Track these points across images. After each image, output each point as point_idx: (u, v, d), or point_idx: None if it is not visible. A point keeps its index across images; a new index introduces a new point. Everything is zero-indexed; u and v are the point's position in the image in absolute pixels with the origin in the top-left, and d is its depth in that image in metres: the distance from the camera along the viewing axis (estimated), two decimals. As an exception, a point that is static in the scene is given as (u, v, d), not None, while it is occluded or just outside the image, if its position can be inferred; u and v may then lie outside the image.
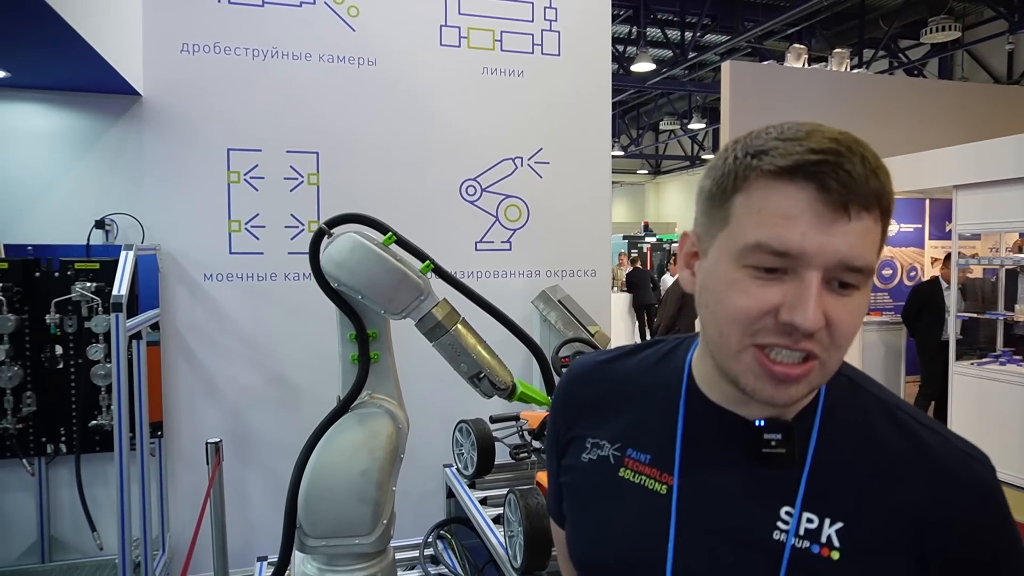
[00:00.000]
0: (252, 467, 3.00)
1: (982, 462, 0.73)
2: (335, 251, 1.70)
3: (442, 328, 1.76)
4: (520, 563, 1.72)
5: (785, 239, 0.65)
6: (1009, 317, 5.46)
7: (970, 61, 14.28)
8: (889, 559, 0.69)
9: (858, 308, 0.68)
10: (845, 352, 0.70)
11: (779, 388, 0.68)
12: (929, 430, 0.74)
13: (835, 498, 0.72)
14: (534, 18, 3.34)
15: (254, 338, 2.97)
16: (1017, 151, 4.97)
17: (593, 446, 0.86)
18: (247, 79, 2.93)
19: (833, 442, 0.74)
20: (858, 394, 0.78)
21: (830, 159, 0.64)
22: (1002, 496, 0.72)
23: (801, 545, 0.71)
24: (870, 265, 0.66)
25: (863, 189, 0.64)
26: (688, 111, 19.40)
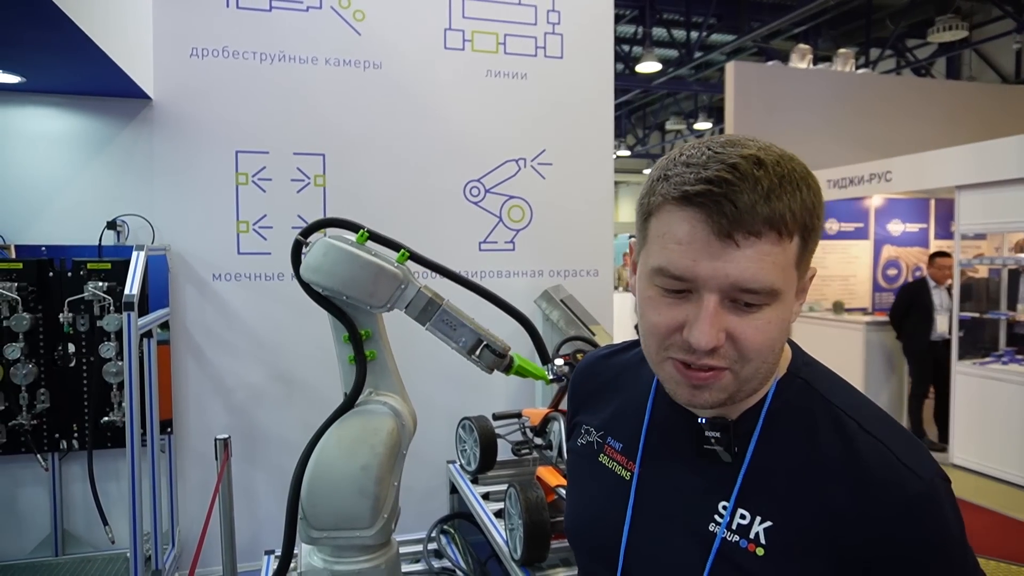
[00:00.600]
0: (259, 463, 3.06)
1: (920, 476, 0.71)
2: (311, 258, 1.71)
3: (433, 305, 1.77)
4: (520, 555, 1.77)
5: (679, 265, 0.69)
6: (1011, 317, 5.47)
7: (978, 60, 14.22)
8: (810, 561, 0.72)
9: (767, 323, 0.70)
10: (761, 362, 0.72)
11: (694, 393, 0.74)
12: (871, 438, 0.74)
13: (767, 498, 0.75)
14: (537, 21, 3.38)
15: (262, 337, 3.03)
16: (1019, 152, 4.99)
17: (585, 432, 0.95)
18: (255, 82, 2.99)
19: (773, 444, 0.77)
20: (809, 398, 0.79)
21: (715, 190, 0.67)
22: (940, 512, 0.71)
23: (731, 538, 0.75)
24: (767, 286, 0.68)
25: (750, 217, 0.66)
26: (694, 111, 19.39)
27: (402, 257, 1.74)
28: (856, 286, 7.78)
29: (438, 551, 2.50)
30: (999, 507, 4.56)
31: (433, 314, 1.78)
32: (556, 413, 2.34)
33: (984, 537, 4.10)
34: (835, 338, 6.57)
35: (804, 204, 0.69)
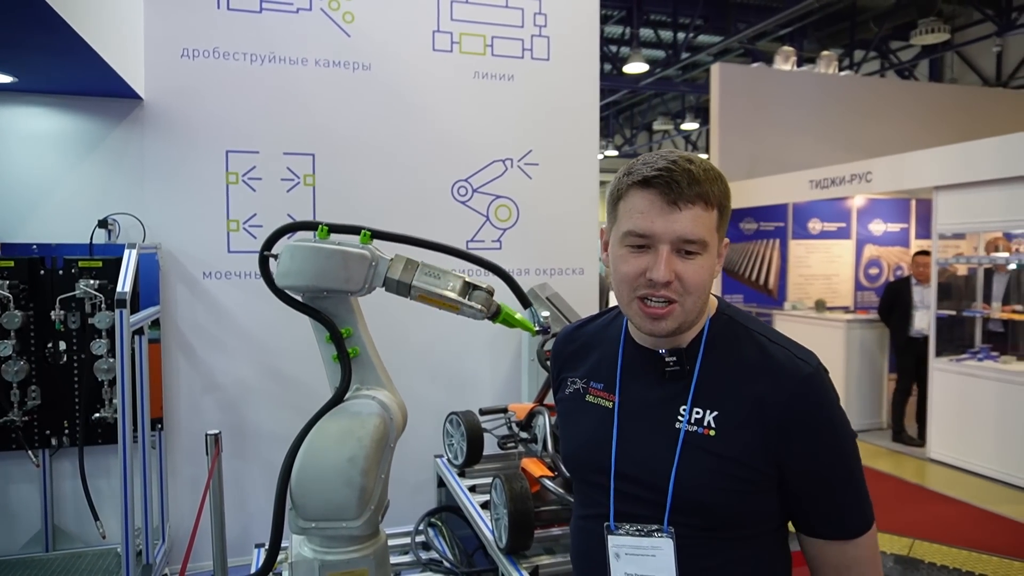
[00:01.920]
0: (249, 459, 3.10)
1: (807, 362, 1.08)
2: (280, 266, 1.73)
3: (412, 265, 1.79)
4: (505, 543, 1.82)
5: (641, 226, 1.04)
6: (986, 314, 5.59)
7: (960, 63, 14.42)
8: (746, 432, 1.05)
9: (701, 267, 1.05)
10: (699, 296, 1.06)
11: (654, 323, 1.06)
12: (777, 345, 1.11)
13: (712, 396, 1.09)
14: (524, 24, 3.44)
15: (251, 334, 3.07)
16: (994, 154, 5.10)
17: (571, 383, 1.25)
18: (245, 83, 3.03)
19: (712, 360, 1.11)
20: (733, 327, 1.15)
21: (663, 175, 1.03)
22: (819, 383, 1.07)
23: (692, 429, 1.08)
24: (700, 237, 1.03)
25: (687, 192, 1.02)
26: (681, 111, 19.49)
27: (364, 238, 1.76)
28: (838, 285, 7.90)
29: (426, 543, 2.55)
30: (975, 500, 4.66)
31: (413, 276, 1.79)
32: (542, 407, 2.40)
33: (961, 529, 4.20)
34: (817, 335, 6.66)
35: (720, 189, 1.06)
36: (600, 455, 1.14)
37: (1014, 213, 5.00)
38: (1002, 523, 4.33)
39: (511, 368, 3.46)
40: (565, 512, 1.98)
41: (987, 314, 5.58)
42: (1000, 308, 5.58)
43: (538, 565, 1.82)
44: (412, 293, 1.81)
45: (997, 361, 5.24)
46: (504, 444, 2.52)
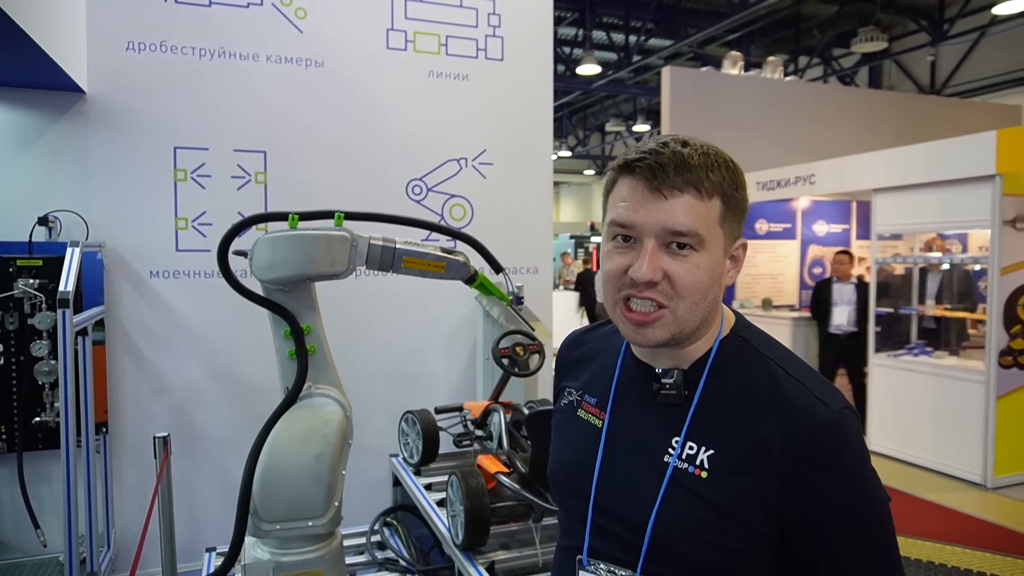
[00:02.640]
0: (200, 462, 3.03)
1: (826, 403, 0.89)
2: (259, 260, 1.73)
3: (390, 241, 1.85)
4: (461, 540, 1.84)
5: (623, 216, 0.90)
6: (921, 312, 5.84)
7: (897, 71, 15.00)
8: (743, 479, 0.88)
9: (695, 266, 0.89)
10: (695, 303, 0.90)
11: (639, 331, 0.91)
12: (793, 380, 0.92)
13: (711, 431, 0.92)
14: (478, 24, 3.45)
15: (201, 334, 3.01)
16: (927, 158, 5.34)
17: (568, 394, 1.13)
18: (194, 78, 2.96)
19: (716, 388, 0.94)
20: (747, 351, 0.97)
21: (648, 158, 0.89)
22: (839, 430, 0.88)
23: (681, 466, 0.92)
24: (691, 229, 0.88)
25: (673, 178, 0.88)
26: (633, 113, 19.76)
27: (339, 220, 1.80)
28: (784, 284, 8.14)
29: (381, 542, 2.55)
30: (913, 489, 4.87)
31: (394, 251, 1.85)
32: (497, 405, 2.42)
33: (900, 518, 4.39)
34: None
35: (722, 175, 0.90)
36: (581, 480, 1.01)
37: (945, 215, 5.24)
38: (938, 511, 4.53)
39: (466, 367, 3.47)
40: (521, 508, 2.01)
41: (922, 312, 5.83)
42: (934, 306, 5.83)
43: (494, 561, 1.84)
44: (396, 261, 1.86)
45: (931, 356, 5.49)
46: (460, 442, 2.53)
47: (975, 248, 6.01)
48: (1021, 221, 4.90)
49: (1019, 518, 4.44)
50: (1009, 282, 4.92)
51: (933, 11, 11.93)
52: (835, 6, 12.55)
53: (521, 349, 2.41)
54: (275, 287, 1.78)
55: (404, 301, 3.33)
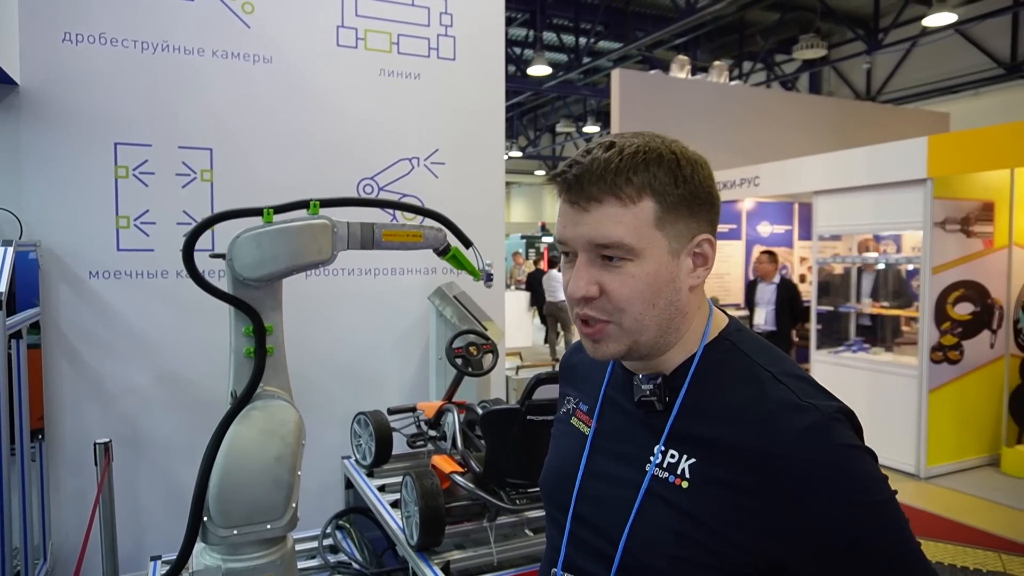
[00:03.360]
0: (142, 469, 2.94)
1: (815, 406, 0.81)
2: (244, 258, 1.71)
3: (366, 223, 1.95)
4: (416, 540, 1.83)
5: (559, 232, 0.89)
6: (859, 309, 6.08)
7: (836, 77, 15.56)
8: (724, 492, 0.82)
9: (630, 277, 0.85)
10: (639, 313, 0.86)
11: (595, 347, 0.90)
12: (780, 384, 0.85)
13: (692, 439, 0.87)
14: (430, 23, 3.44)
15: (144, 337, 2.91)
16: (865, 162, 5.55)
17: (567, 401, 1.10)
18: (135, 72, 2.87)
19: (699, 394, 0.89)
20: (734, 355, 0.91)
21: (567, 170, 0.86)
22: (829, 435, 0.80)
23: (661, 475, 0.87)
24: (616, 240, 0.84)
25: (592, 188, 0.84)
26: (583, 114, 19.98)
27: (314, 208, 1.84)
28: (730, 283, 8.35)
29: (334, 546, 2.52)
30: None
31: (373, 227, 1.95)
32: (451, 405, 2.42)
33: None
34: (711, 332, 7.05)
35: (651, 174, 0.84)
36: (564, 488, 0.98)
37: (882, 216, 5.46)
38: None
39: (419, 367, 3.45)
40: (475, 507, 2.01)
41: (859, 309, 6.06)
42: (871, 304, 6.07)
43: (449, 560, 1.84)
44: (377, 236, 1.96)
45: (869, 352, 5.71)
46: (414, 443, 2.52)
47: (908, 249, 6.28)
48: (950, 223, 5.14)
49: (950, 506, 4.66)
50: (940, 281, 5.16)
51: (869, 21, 12.42)
52: (777, 14, 12.95)
53: (475, 349, 2.41)
54: (255, 284, 1.76)
55: (354, 301, 3.30)
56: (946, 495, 4.88)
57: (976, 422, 5.45)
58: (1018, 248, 5.49)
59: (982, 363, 5.42)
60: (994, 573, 3.69)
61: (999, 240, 5.41)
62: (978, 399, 5.43)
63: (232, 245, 1.72)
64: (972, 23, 11.41)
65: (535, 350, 12.16)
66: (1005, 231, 5.43)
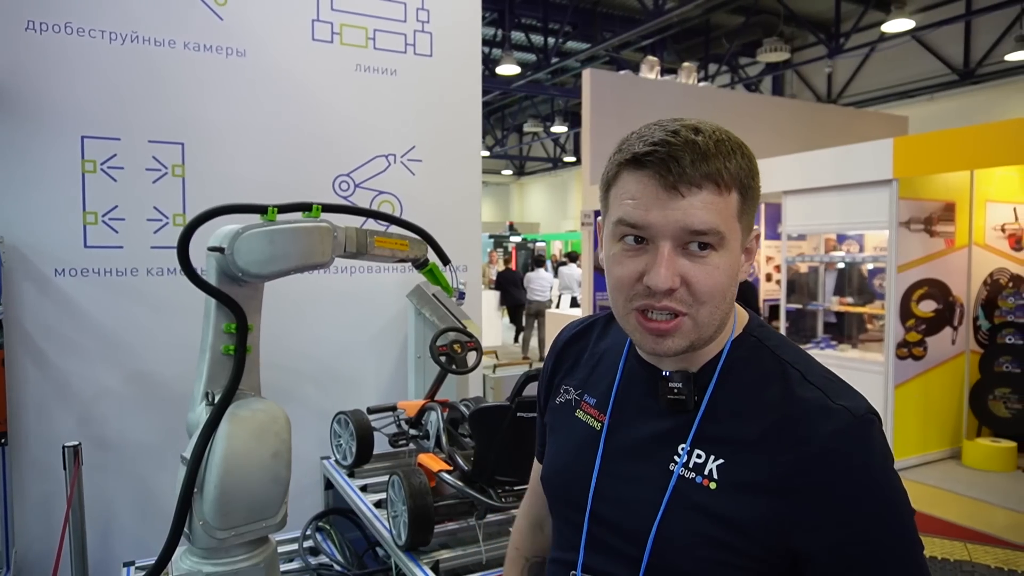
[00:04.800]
0: (112, 473, 2.84)
1: (848, 409, 0.81)
2: (253, 254, 1.69)
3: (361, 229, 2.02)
4: (405, 540, 1.80)
5: (633, 215, 0.82)
6: (826, 307, 6.20)
7: (799, 80, 15.88)
8: (754, 494, 0.81)
9: (716, 268, 0.82)
10: (716, 307, 0.83)
11: (657, 341, 0.84)
12: (811, 385, 0.84)
13: (721, 439, 0.85)
14: (407, 18, 3.40)
15: (113, 336, 2.82)
16: (831, 163, 5.67)
17: (564, 391, 1.06)
18: (103, 63, 2.78)
19: (727, 392, 0.87)
20: (760, 353, 0.90)
21: (660, 150, 0.80)
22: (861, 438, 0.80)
23: (688, 476, 0.85)
24: (713, 227, 0.80)
25: (692, 171, 0.79)
26: (551, 114, 20.05)
27: (316, 211, 1.88)
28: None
29: (314, 548, 2.47)
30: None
31: (367, 233, 2.03)
32: (434, 403, 2.39)
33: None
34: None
35: (739, 165, 0.83)
36: (577, 487, 0.94)
37: (848, 216, 5.58)
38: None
39: (396, 366, 3.42)
40: (462, 506, 1.99)
41: (827, 307, 6.19)
42: (837, 302, 6.21)
43: (438, 560, 1.82)
44: (370, 243, 2.05)
45: (836, 349, 5.83)
46: (395, 442, 2.49)
47: (870, 248, 6.43)
48: (915, 223, 5.28)
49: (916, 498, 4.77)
50: (905, 279, 5.29)
51: (830, 25, 12.70)
52: (742, 17, 13.17)
53: (459, 346, 2.39)
54: (252, 280, 1.76)
55: (330, 299, 3.25)
56: (912, 487, 4.98)
57: (939, 416, 5.61)
58: (977, 247, 5.66)
59: (944, 359, 5.58)
60: (961, 562, 3.80)
61: (960, 239, 5.57)
62: (941, 394, 5.58)
63: (236, 240, 1.68)
64: (928, 30, 11.75)
65: (507, 349, 12.17)
66: (965, 231, 5.59)
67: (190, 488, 1.62)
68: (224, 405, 1.67)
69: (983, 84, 12.49)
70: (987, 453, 5.33)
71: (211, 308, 1.77)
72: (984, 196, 5.61)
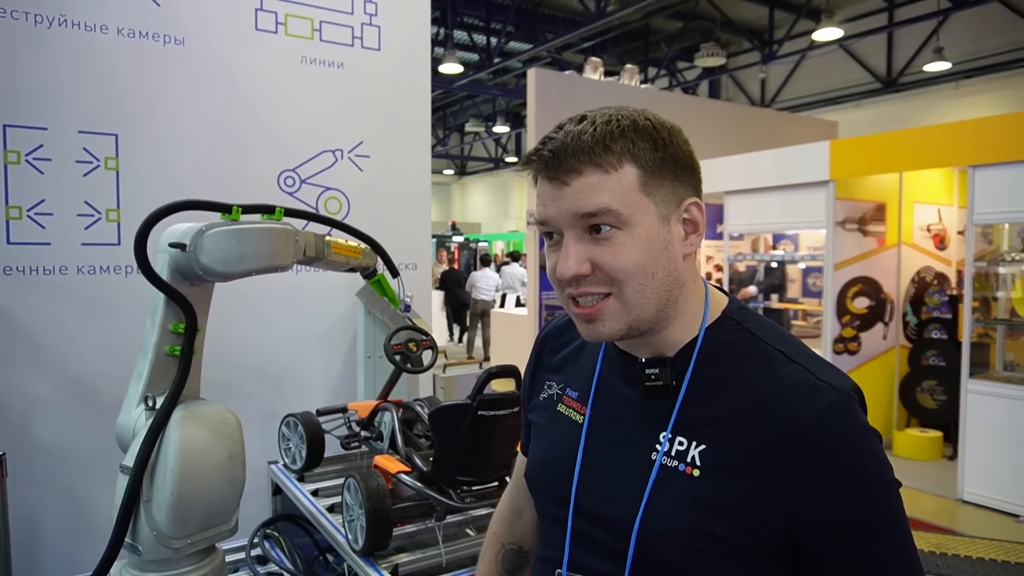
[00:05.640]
0: (39, 485, 2.66)
1: (832, 385, 0.81)
2: (222, 251, 1.64)
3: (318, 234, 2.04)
4: (362, 545, 1.74)
5: (539, 212, 0.86)
6: (766, 306, 6.38)
7: (734, 85, 16.34)
8: (740, 477, 0.80)
9: (623, 245, 0.82)
10: (641, 284, 0.82)
11: (590, 327, 0.86)
12: (794, 363, 0.84)
13: (702, 424, 0.84)
14: (354, 11, 3.32)
15: (40, 338, 2.65)
16: (775, 164, 5.84)
17: (548, 387, 1.06)
18: (27, 47, 2.60)
19: (706, 377, 0.86)
20: (740, 335, 0.89)
21: (541, 147, 0.85)
22: (845, 415, 0.80)
23: (670, 464, 0.84)
24: (601, 206, 0.81)
25: (569, 160, 0.82)
26: (493, 114, 20.04)
27: (279, 214, 1.86)
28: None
29: (262, 556, 2.38)
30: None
31: (324, 241, 2.06)
32: (387, 404, 2.33)
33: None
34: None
35: (629, 140, 0.82)
36: (560, 481, 0.93)
37: (788, 216, 5.76)
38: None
39: (345, 366, 3.33)
40: (420, 508, 1.94)
41: (767, 305, 6.37)
42: (777, 300, 6.40)
43: (397, 564, 1.76)
44: (326, 251, 2.06)
45: (775, 345, 6.01)
46: (347, 444, 2.41)
47: (804, 247, 6.65)
48: (849, 222, 5.48)
49: (851, 488, 4.95)
50: (841, 277, 5.49)
51: (764, 33, 13.12)
52: (680, 22, 13.47)
53: (414, 345, 2.34)
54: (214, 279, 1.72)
55: (274, 297, 3.13)
56: (846, 478, 5.19)
57: (872, 408, 5.75)
58: (906, 247, 5.93)
59: (876, 353, 5.82)
60: (895, 548, 3.94)
61: (890, 239, 5.82)
62: (873, 387, 5.82)
63: (200, 237, 1.63)
64: (854, 39, 12.27)
65: (450, 349, 12.09)
66: (895, 230, 5.85)
67: (134, 497, 1.52)
68: (169, 409, 1.58)
69: (904, 92, 13.13)
70: (916, 443, 5.58)
71: (159, 306, 1.68)
72: (912, 198, 5.87)
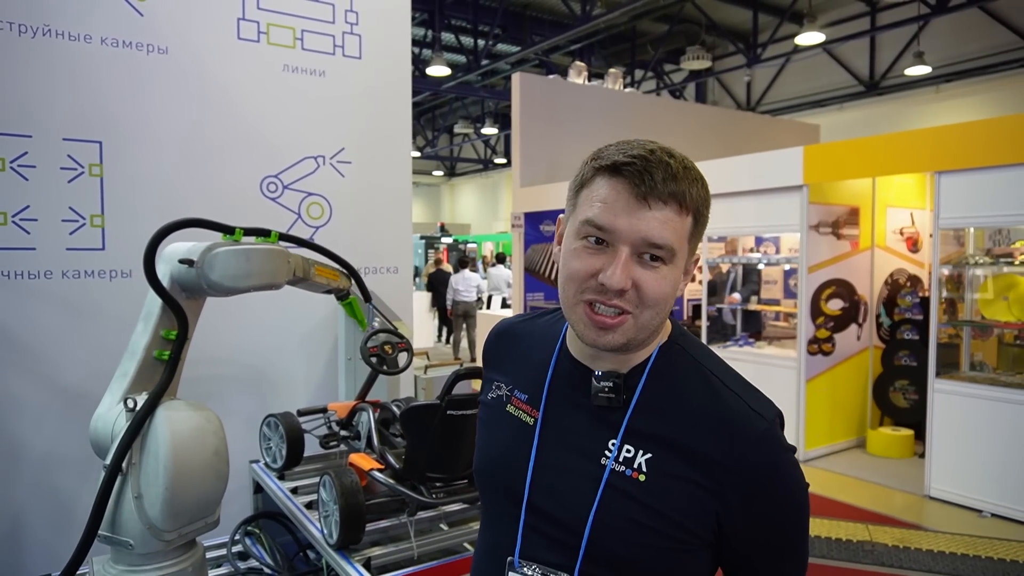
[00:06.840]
0: (20, 484, 2.72)
1: (763, 416, 0.93)
2: (231, 268, 1.80)
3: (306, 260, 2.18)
4: (336, 539, 1.83)
5: (602, 218, 0.89)
6: (745, 307, 6.50)
7: (720, 88, 16.48)
8: (681, 484, 0.91)
9: (663, 278, 0.90)
10: (657, 312, 0.91)
11: (600, 334, 0.91)
12: (729, 391, 0.96)
13: (648, 436, 0.94)
14: (335, 20, 3.40)
15: (23, 342, 2.71)
16: (750, 168, 5.95)
17: (496, 387, 1.11)
18: (12, 56, 2.66)
19: (654, 393, 0.96)
20: (684, 360, 0.99)
21: (638, 164, 0.88)
22: (775, 441, 0.93)
23: (619, 469, 0.93)
24: (668, 244, 0.89)
25: (660, 189, 0.87)
26: (481, 116, 20.10)
27: (274, 237, 2.02)
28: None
29: (243, 553, 2.45)
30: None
31: (309, 263, 2.20)
32: (365, 404, 2.41)
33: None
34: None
35: (699, 193, 0.92)
36: (512, 478, 1.00)
37: (764, 220, 5.87)
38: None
39: (326, 368, 3.40)
40: (393, 504, 2.03)
41: (746, 307, 6.48)
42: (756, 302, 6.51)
43: (370, 557, 1.85)
44: (311, 273, 2.20)
45: (753, 346, 6.11)
46: (326, 443, 2.49)
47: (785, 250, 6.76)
48: (823, 226, 5.60)
49: (824, 485, 5.08)
50: (815, 279, 5.60)
51: (749, 36, 13.25)
52: (666, 25, 13.58)
53: (390, 347, 2.42)
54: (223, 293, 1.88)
55: (257, 300, 3.19)
56: (821, 475, 5.31)
57: (846, 408, 5.96)
58: (879, 249, 6.05)
59: (850, 354, 5.94)
60: (862, 542, 4.07)
61: (863, 242, 5.94)
62: (847, 387, 5.94)
63: (208, 255, 1.80)
64: (837, 43, 12.43)
65: (438, 350, 12.15)
66: (868, 234, 5.97)
67: (107, 492, 1.61)
68: (151, 409, 1.66)
69: (887, 95, 13.31)
70: (888, 441, 5.70)
71: (154, 312, 1.80)
72: (885, 202, 6.00)
